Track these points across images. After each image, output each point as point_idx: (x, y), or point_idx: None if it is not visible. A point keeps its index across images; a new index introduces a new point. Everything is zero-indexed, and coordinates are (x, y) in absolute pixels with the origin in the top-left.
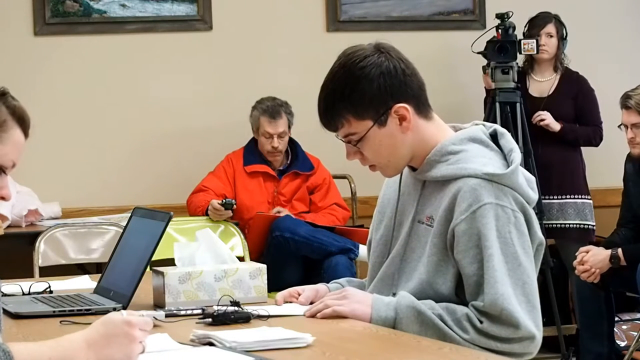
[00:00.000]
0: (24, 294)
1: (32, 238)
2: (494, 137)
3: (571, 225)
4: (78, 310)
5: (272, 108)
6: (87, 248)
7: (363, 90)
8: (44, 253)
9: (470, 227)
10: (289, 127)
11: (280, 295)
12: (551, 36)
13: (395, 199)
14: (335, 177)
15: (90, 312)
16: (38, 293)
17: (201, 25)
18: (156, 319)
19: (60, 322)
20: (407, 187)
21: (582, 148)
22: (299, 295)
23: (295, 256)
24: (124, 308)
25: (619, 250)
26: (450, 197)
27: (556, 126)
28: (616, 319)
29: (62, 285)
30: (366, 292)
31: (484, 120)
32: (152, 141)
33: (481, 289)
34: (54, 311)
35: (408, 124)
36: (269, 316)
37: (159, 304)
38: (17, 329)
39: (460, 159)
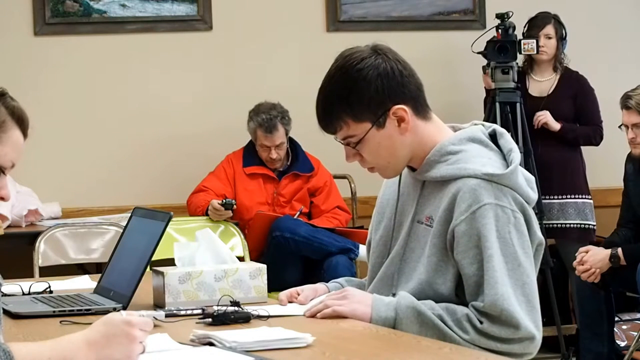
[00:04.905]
0: (24, 294)
1: (32, 238)
2: (493, 137)
3: (571, 225)
4: (78, 310)
5: (267, 122)
6: (87, 248)
7: (361, 93)
8: (44, 253)
9: (470, 228)
10: (287, 134)
11: (283, 294)
12: (550, 37)
13: (395, 199)
14: (335, 177)
15: (90, 312)
16: (38, 293)
17: (201, 25)
18: (156, 319)
19: (60, 322)
20: (407, 187)
21: (582, 148)
22: (299, 295)
23: (295, 256)
24: (124, 308)
25: (619, 249)
26: (449, 197)
27: (556, 125)
28: (616, 319)
29: (62, 285)
30: (366, 292)
31: (483, 120)
32: (152, 141)
33: (481, 290)
34: (54, 311)
35: (407, 125)
36: (269, 316)
37: (159, 304)
38: (17, 329)
39: (460, 159)
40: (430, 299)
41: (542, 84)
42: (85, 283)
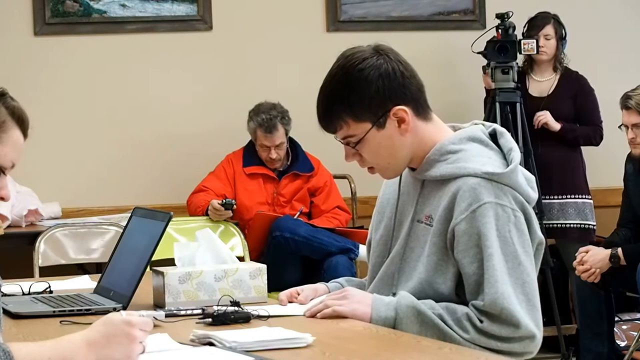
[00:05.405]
0: (24, 294)
1: (32, 238)
2: (493, 136)
3: (572, 225)
4: (78, 310)
5: (267, 122)
6: (87, 248)
7: (362, 93)
8: (44, 253)
9: (470, 227)
10: (287, 134)
11: (283, 294)
12: (549, 38)
13: (395, 199)
14: (335, 177)
15: (90, 312)
16: (38, 293)
17: (201, 25)
18: (156, 319)
19: (60, 322)
20: (407, 186)
21: (582, 148)
22: (299, 295)
23: (295, 256)
24: (124, 308)
25: (619, 249)
26: (449, 196)
27: (556, 126)
28: (616, 319)
29: (62, 285)
30: (366, 292)
31: (483, 120)
32: (152, 141)
33: (481, 289)
34: (54, 311)
35: (407, 126)
36: (269, 316)
37: (159, 304)
38: (17, 329)
39: (460, 158)
40: (430, 298)
41: (542, 84)
42: (85, 283)
